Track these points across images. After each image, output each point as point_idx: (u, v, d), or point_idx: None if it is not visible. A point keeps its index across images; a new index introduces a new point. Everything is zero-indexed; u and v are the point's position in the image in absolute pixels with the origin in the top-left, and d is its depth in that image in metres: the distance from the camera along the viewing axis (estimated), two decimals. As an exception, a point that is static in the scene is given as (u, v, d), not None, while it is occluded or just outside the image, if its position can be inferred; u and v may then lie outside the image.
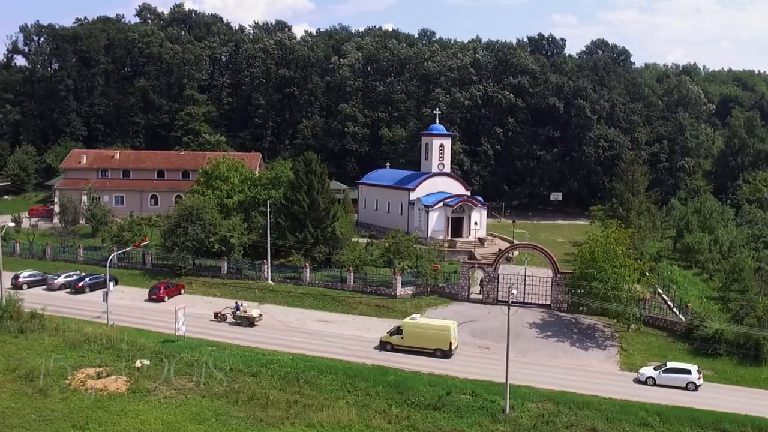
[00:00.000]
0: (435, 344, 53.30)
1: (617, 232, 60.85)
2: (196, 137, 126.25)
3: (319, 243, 73.76)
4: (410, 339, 53.98)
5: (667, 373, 49.68)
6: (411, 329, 54.37)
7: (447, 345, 53.69)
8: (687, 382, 49.14)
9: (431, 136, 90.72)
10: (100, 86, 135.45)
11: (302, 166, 75.04)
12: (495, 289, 67.51)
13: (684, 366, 50.36)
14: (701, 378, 49.58)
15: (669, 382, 49.42)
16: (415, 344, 53.35)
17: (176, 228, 74.03)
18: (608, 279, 58.28)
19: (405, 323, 55.48)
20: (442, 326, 54.76)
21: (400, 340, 54.34)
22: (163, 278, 73.83)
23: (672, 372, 49.65)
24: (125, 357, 51.13)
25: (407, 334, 54.26)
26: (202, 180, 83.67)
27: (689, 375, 49.36)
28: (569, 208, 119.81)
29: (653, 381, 49.66)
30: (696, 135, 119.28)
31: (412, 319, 56.33)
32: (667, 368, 50.02)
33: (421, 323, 55.19)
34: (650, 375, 50.13)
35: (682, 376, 49.34)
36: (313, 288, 70.41)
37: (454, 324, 55.58)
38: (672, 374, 49.53)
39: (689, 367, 49.99)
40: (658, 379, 49.65)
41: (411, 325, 54.78)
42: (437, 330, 54.29)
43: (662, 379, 49.50)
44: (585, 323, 62.89)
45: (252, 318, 61.49)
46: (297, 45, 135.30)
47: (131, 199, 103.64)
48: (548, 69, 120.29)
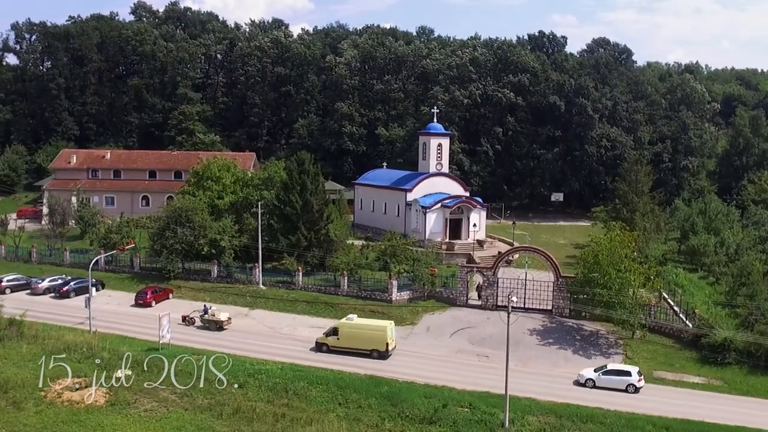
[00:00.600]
0: (371, 345, 52.08)
1: (622, 235, 58.38)
2: (190, 137, 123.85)
3: (312, 246, 71.42)
4: (346, 340, 52.88)
5: (606, 375, 48.39)
6: (347, 330, 53.26)
7: (383, 346, 52.44)
8: (627, 384, 47.85)
9: (429, 135, 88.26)
10: (93, 85, 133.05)
11: (295, 167, 72.65)
12: (494, 293, 65.12)
13: (624, 368, 49.17)
14: (642, 380, 48.23)
15: (609, 384, 48.09)
16: (351, 345, 52.13)
17: (165, 230, 71.70)
18: (612, 284, 55.92)
19: (341, 324, 54.24)
20: (379, 326, 53.46)
21: (336, 341, 53.31)
22: (152, 282, 71.51)
23: (612, 374, 48.42)
24: (106, 367, 48.83)
25: (343, 335, 53.18)
26: (193, 180, 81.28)
27: (629, 377, 48.06)
28: (570, 209, 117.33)
29: (593, 383, 48.29)
30: (700, 134, 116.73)
31: (349, 319, 54.95)
32: (607, 370, 48.76)
33: (357, 323, 53.99)
34: (590, 377, 48.68)
35: (622, 378, 48.07)
36: (305, 293, 67.98)
37: (391, 324, 54.26)
38: (612, 376, 48.29)
39: (629, 369, 48.75)
40: (597, 381, 48.28)
41: (347, 326, 53.66)
42: (374, 330, 53.03)
43: (602, 381, 48.19)
44: (588, 329, 60.50)
45: (220, 322, 59.49)
46: (293, 43, 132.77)
47: (122, 200, 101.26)
48: (549, 67, 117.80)
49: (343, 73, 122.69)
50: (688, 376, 52.10)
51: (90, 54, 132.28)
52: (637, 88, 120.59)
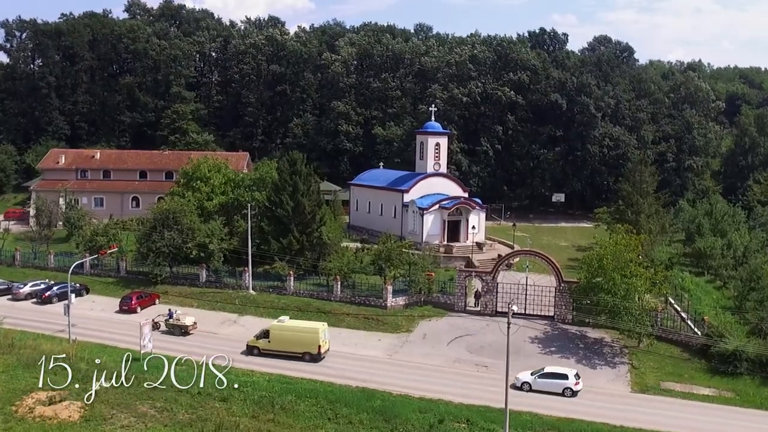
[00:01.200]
0: (303, 348, 50.55)
1: (627, 238, 55.66)
2: (183, 136, 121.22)
3: (304, 249, 68.73)
4: (278, 343, 51.37)
5: (543, 378, 46.96)
6: (278, 332, 51.93)
7: (315, 348, 51.08)
8: (563, 387, 46.40)
9: (426, 134, 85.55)
10: (85, 83, 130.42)
11: (286, 167, 69.98)
12: (494, 299, 62.49)
13: (561, 371, 47.62)
14: (579, 384, 46.65)
15: (545, 388, 46.68)
16: (282, 348, 50.53)
17: (151, 233, 69.03)
18: (618, 290, 53.24)
19: (272, 326, 52.86)
20: (311, 329, 52.13)
21: (268, 343, 51.73)
22: (138, 287, 68.98)
23: (548, 377, 46.96)
24: (83, 378, 46.20)
25: (274, 338, 51.80)
26: (183, 181, 78.61)
27: (566, 380, 46.58)
28: (572, 210, 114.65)
29: (529, 386, 46.89)
30: (704, 133, 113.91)
31: (280, 321, 53.62)
32: (544, 373, 47.28)
33: (288, 326, 52.74)
34: (526, 380, 47.19)
35: (559, 382, 46.61)
36: (297, 298, 65.33)
37: (323, 326, 52.75)
38: (548, 379, 46.86)
39: (566, 372, 47.30)
40: (533, 385, 46.91)
41: (278, 328, 52.35)
42: (305, 333, 51.67)
43: (538, 385, 46.82)
44: (591, 337, 57.88)
45: (185, 326, 57.32)
46: (289, 41, 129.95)
47: (111, 201, 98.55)
48: (550, 64, 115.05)
49: (340, 71, 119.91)
50: (698, 388, 49.53)
51: (82, 52, 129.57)
52: (640, 86, 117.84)
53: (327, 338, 52.60)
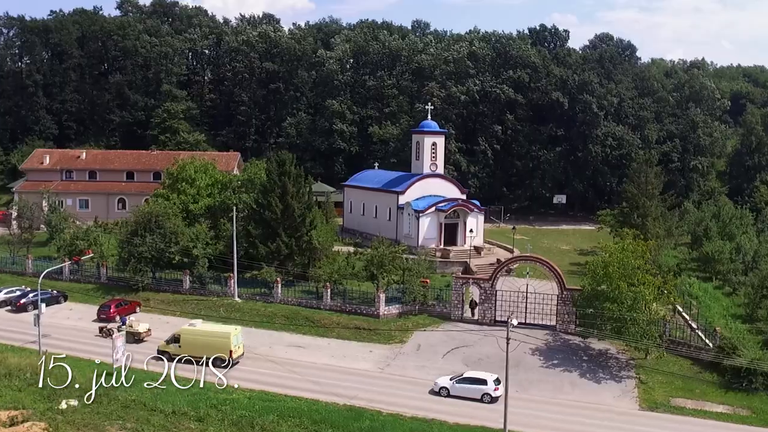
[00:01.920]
0: (214, 353, 47.36)
1: (635, 244, 52.25)
2: (174, 136, 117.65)
3: (294, 254, 65.45)
4: (189, 348, 48.73)
5: (461, 383, 45.34)
6: (189, 337, 50.19)
7: (227, 353, 48.87)
8: (482, 393, 44.89)
9: (423, 133, 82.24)
10: (73, 82, 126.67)
11: (275, 168, 66.63)
12: (492, 307, 59.16)
13: (480, 376, 45.88)
14: (498, 389, 44.49)
15: (463, 393, 45.10)
16: (193, 353, 47.40)
17: (132, 237, 65.76)
18: (624, 299, 49.88)
19: (183, 330, 51.23)
20: (222, 333, 50.34)
21: (178, 348, 49.30)
22: (119, 294, 65.68)
23: (466, 382, 45.38)
24: (50, 396, 42.98)
25: (185, 342, 49.88)
26: (168, 183, 75.27)
27: (485, 386, 44.99)
28: (574, 212, 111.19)
29: (447, 392, 45.33)
30: (710, 132, 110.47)
31: (192, 325, 51.91)
32: (462, 378, 45.72)
33: (199, 330, 51.16)
34: (444, 385, 45.65)
35: (477, 387, 45.06)
36: (285, 306, 61.95)
37: (236, 330, 50.97)
38: (466, 384, 45.26)
39: (485, 377, 45.58)
40: (452, 390, 45.31)
41: (189, 332, 50.68)
42: (216, 337, 49.73)
43: (456, 390, 45.21)
44: (596, 349, 54.58)
45: (138, 333, 54.70)
46: (282, 37, 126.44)
47: (97, 203, 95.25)
48: (551, 62, 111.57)
49: (334, 69, 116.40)
50: (711, 405, 46.20)
51: (70, 49, 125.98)
52: (643, 83, 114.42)
53: (240, 343, 50.80)
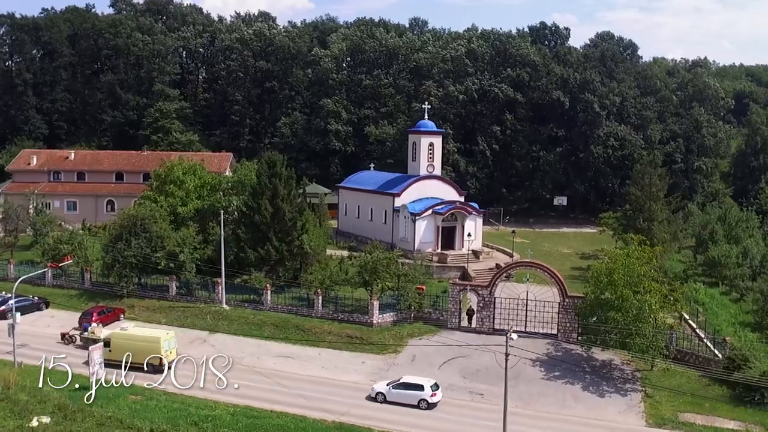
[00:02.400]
0: (145, 357, 46.34)
1: (641, 250, 49.70)
2: (166, 136, 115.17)
3: (284, 259, 62.93)
4: (119, 352, 46.58)
5: (397, 388, 44.15)
6: (119, 341, 48.67)
7: (157, 359, 47.17)
8: (419, 399, 43.54)
9: (419, 133, 79.71)
10: (64, 81, 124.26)
11: (265, 169, 64.11)
12: (491, 315, 56.66)
13: (416, 381, 44.62)
14: (436, 395, 43.66)
15: (400, 399, 43.85)
16: (124, 358, 45.69)
17: (117, 241, 63.23)
18: (630, 309, 47.37)
19: (113, 334, 50.17)
20: (152, 338, 49.12)
21: (109, 353, 47.71)
22: (104, 300, 63.16)
23: (403, 388, 44.13)
24: (21, 412, 40.44)
25: (115, 347, 48.16)
26: (155, 185, 72.74)
27: (421, 392, 43.65)
28: (575, 214, 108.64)
29: (383, 397, 44.10)
30: (714, 133, 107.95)
31: (123, 329, 50.88)
32: (399, 383, 44.55)
33: (130, 334, 49.88)
34: (381, 390, 44.42)
35: (414, 393, 43.73)
36: (274, 314, 59.36)
37: (168, 335, 49.63)
38: (402, 390, 43.99)
39: (422, 383, 44.30)
40: (388, 396, 44.10)
41: (119, 336, 49.35)
42: (147, 342, 48.10)
43: (392, 396, 44.02)
44: (599, 359, 52.05)
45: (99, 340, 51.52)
46: (277, 35, 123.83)
47: (85, 205, 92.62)
48: (551, 60, 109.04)
49: (329, 67, 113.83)
50: (722, 420, 43.65)
51: (61, 48, 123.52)
52: (646, 82, 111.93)
53: (173, 348, 49.14)
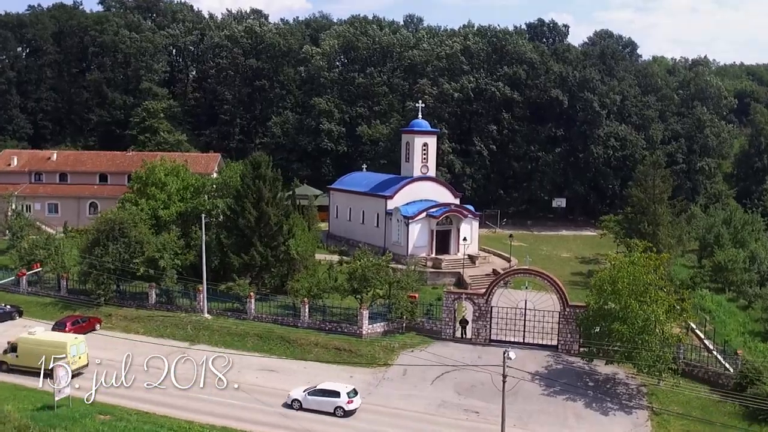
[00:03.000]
0: (51, 363, 43.37)
1: (647, 257, 46.61)
2: (154, 136, 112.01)
3: (270, 265, 59.80)
4: (25, 357, 45.70)
5: (314, 395, 42.74)
6: (26, 346, 46.71)
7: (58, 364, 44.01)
8: (335, 406, 42.12)
9: (413, 133, 76.58)
10: (49, 79, 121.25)
11: (249, 171, 60.97)
12: (487, 325, 53.58)
13: (333, 387, 43.06)
14: (353, 402, 42.23)
15: (315, 407, 42.43)
16: (30, 363, 44.29)
17: (94, 247, 60.04)
18: (635, 320, 44.30)
19: (20, 338, 48.05)
20: (59, 343, 46.61)
21: (15, 358, 46.70)
22: (80, 308, 59.99)
23: (319, 394, 42.69)
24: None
25: (23, 352, 46.53)
26: (136, 187, 69.52)
27: (337, 398, 42.21)
28: (574, 216, 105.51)
29: (299, 404, 42.77)
30: (717, 132, 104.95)
31: (31, 333, 48.39)
32: (315, 390, 43.10)
33: (37, 339, 47.49)
34: (296, 397, 43.04)
35: (330, 400, 42.30)
36: (259, 324, 56.20)
37: (75, 340, 47.26)
38: (319, 397, 42.58)
39: (338, 389, 42.86)
40: (304, 403, 42.74)
41: (27, 341, 47.26)
42: (53, 347, 45.14)
43: (308, 403, 42.65)
44: (602, 373, 49.05)
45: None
46: (267, 32, 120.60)
47: (67, 208, 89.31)
48: (549, 58, 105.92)
49: (321, 65, 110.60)
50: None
51: (46, 45, 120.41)
52: (647, 81, 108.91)
53: (82, 353, 46.90)
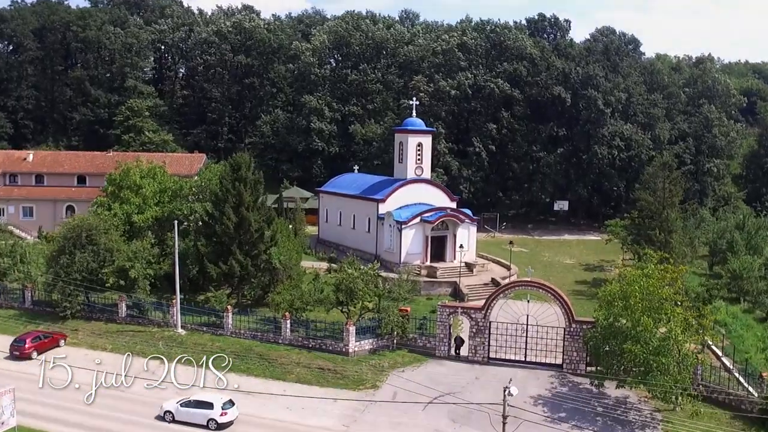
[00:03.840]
0: None
1: (663, 269, 42.06)
2: (139, 135, 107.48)
3: (250, 275, 55.30)
4: None
5: (186, 407, 40.26)
6: None
7: None
8: (207, 419, 39.69)
9: (406, 132, 72.06)
10: (30, 77, 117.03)
11: (228, 173, 56.44)
12: (485, 342, 49.06)
13: (207, 399, 40.19)
14: (227, 414, 39.75)
15: (188, 419, 40.05)
16: None
17: (59, 255, 55.53)
18: (650, 339, 39.81)
19: None
20: None
21: None
22: (45, 322, 55.46)
23: (193, 406, 40.16)
24: None
25: None
26: (110, 190, 64.97)
27: (210, 410, 39.70)
28: (576, 220, 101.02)
29: (172, 417, 40.38)
30: (726, 132, 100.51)
31: None
32: (188, 401, 40.47)
33: None
34: (169, 409, 40.55)
35: (202, 412, 39.83)
36: (236, 340, 51.59)
37: None
38: (192, 409, 40.12)
39: (212, 400, 40.08)
40: (176, 414, 40.36)
41: None
42: None
43: (181, 414, 40.26)
44: (612, 396, 44.41)
45: None
46: (256, 28, 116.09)
47: (43, 211, 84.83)
48: (551, 54, 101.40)
49: (311, 61, 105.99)
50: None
51: (26, 41, 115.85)
52: (652, 78, 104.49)
53: None
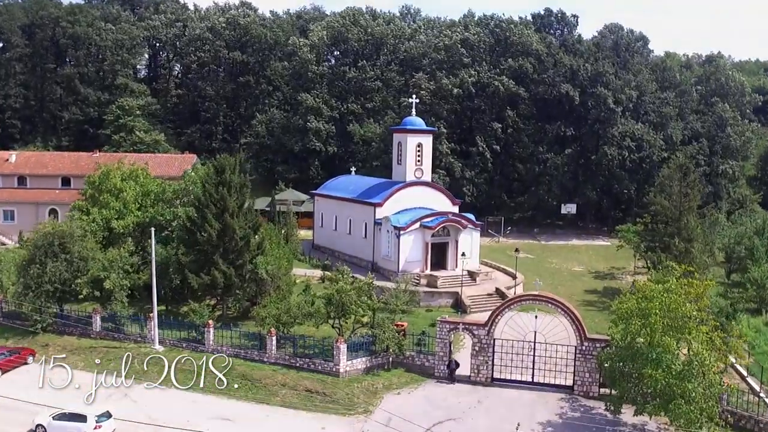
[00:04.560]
0: None
1: (689, 285, 37.77)
2: (129, 135, 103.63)
3: (234, 286, 51.24)
4: None
5: (59, 420, 38.37)
6: None
7: None
8: None
9: (405, 132, 67.87)
10: (18, 74, 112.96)
11: (212, 176, 52.36)
12: (489, 361, 44.90)
13: (81, 411, 38.30)
14: (102, 427, 37.85)
15: None
16: None
17: (30, 264, 51.55)
18: (673, 363, 35.58)
19: None
20: None
21: None
22: (14, 336, 51.62)
23: (65, 419, 38.29)
24: None
25: None
26: (89, 193, 60.90)
27: (83, 423, 37.75)
28: (585, 224, 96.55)
29: (44, 430, 38.28)
30: (741, 131, 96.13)
31: None
32: (62, 414, 38.56)
33: None
34: (41, 422, 38.46)
35: (74, 425, 37.84)
36: (218, 358, 47.51)
37: None
38: (64, 422, 38.22)
39: (85, 413, 38.20)
40: (48, 428, 38.34)
41: None
42: None
43: (53, 428, 38.23)
44: (628, 423, 40.16)
45: None
46: (252, 24, 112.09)
47: (24, 214, 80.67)
48: (558, 50, 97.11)
49: (308, 58, 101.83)
50: None
51: (13, 38, 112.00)
52: (663, 75, 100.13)
53: None
